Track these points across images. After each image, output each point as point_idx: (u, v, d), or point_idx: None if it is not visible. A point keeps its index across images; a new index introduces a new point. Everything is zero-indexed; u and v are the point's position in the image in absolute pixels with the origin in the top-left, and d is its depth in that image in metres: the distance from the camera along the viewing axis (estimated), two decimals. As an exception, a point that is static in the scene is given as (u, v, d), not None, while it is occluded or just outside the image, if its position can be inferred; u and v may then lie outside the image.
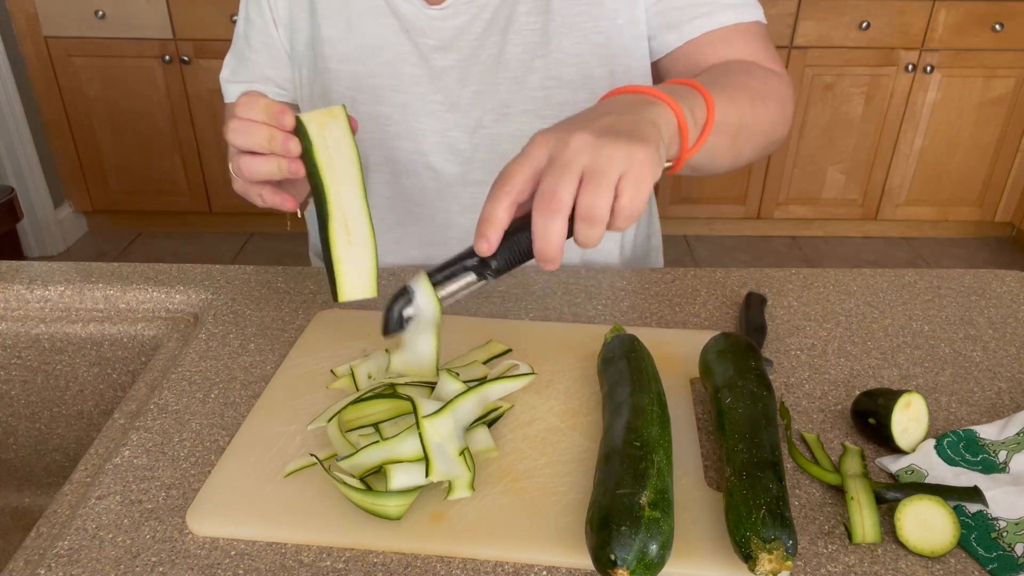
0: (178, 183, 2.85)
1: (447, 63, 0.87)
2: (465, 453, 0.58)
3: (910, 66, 2.63)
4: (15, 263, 0.91)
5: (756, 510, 0.49)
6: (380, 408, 0.62)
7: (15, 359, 0.85)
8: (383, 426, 0.61)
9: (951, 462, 0.61)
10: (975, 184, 2.85)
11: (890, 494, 0.56)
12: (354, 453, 0.58)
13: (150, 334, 0.84)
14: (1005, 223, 3.00)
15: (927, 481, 0.59)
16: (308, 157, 0.64)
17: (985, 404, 0.69)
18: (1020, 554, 0.53)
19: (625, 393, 0.59)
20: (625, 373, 0.62)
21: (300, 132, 0.64)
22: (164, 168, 2.82)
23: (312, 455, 0.60)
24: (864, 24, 2.57)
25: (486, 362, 0.71)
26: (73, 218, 2.94)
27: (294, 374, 0.71)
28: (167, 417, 0.67)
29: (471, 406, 0.62)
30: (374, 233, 0.64)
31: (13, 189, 2.23)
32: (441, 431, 0.58)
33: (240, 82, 0.98)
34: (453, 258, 0.58)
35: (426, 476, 0.55)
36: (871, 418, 0.63)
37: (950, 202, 2.89)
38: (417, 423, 0.58)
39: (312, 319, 0.79)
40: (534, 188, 0.53)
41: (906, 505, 0.54)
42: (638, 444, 0.54)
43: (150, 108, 2.72)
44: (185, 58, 2.62)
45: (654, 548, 0.47)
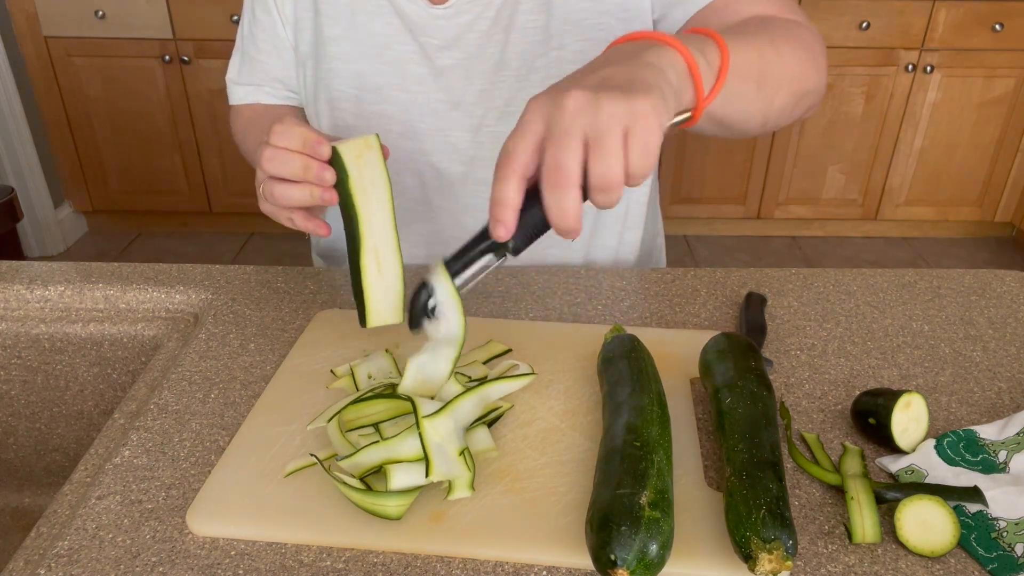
0: (178, 183, 2.85)
1: (450, 62, 0.87)
2: (465, 453, 0.58)
3: (910, 66, 2.63)
4: (15, 263, 0.91)
5: (756, 510, 0.49)
6: (380, 408, 0.62)
7: (15, 359, 0.85)
8: (383, 426, 0.61)
9: (951, 462, 0.61)
10: (975, 184, 2.85)
11: (890, 494, 0.56)
12: (354, 453, 0.58)
13: (150, 334, 0.84)
14: (1005, 223, 2.99)
15: (927, 481, 0.59)
16: (342, 186, 0.65)
17: (985, 404, 0.69)
18: (1020, 554, 0.53)
19: (625, 393, 0.59)
20: (625, 373, 0.62)
21: (335, 161, 0.65)
22: (164, 168, 2.82)
23: (312, 455, 0.60)
24: (864, 24, 2.57)
25: (486, 362, 0.71)
26: (73, 218, 2.94)
27: (294, 374, 0.71)
28: (167, 417, 0.67)
29: (471, 406, 0.62)
30: (402, 262, 0.66)
31: (13, 189, 2.23)
32: (441, 431, 0.58)
33: (247, 84, 0.98)
34: (469, 243, 0.57)
35: (426, 476, 0.55)
36: (871, 418, 0.63)
37: (950, 202, 2.89)
38: (417, 423, 0.58)
39: (312, 319, 0.79)
40: (539, 159, 0.51)
41: (906, 505, 0.54)
42: (638, 444, 0.54)
43: (150, 108, 2.72)
44: (185, 58, 2.62)
45: (654, 548, 0.47)
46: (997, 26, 2.57)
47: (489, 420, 0.63)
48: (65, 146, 2.78)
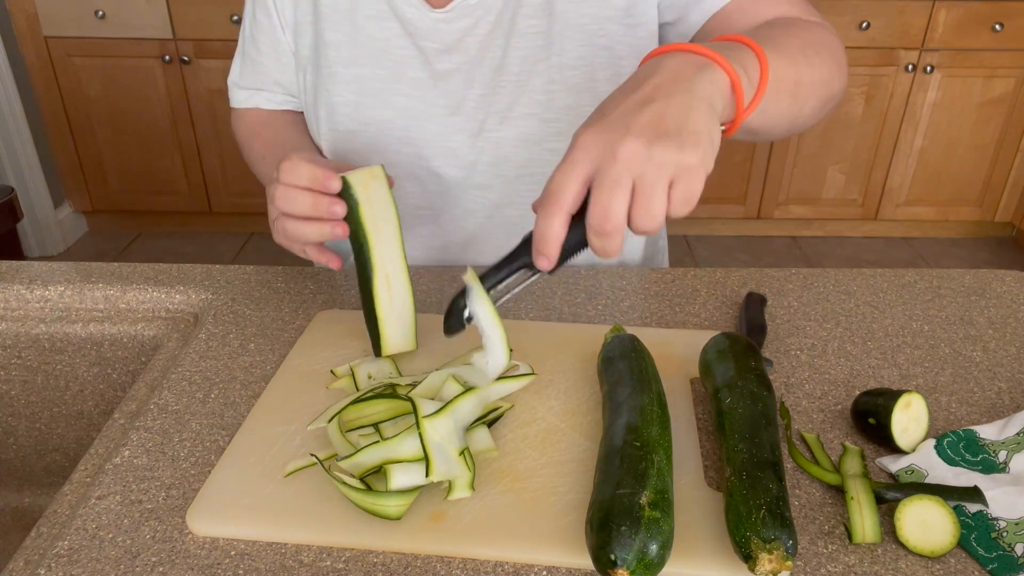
0: (178, 183, 2.85)
1: (451, 66, 0.87)
2: (465, 453, 0.58)
3: (910, 66, 2.63)
4: (15, 263, 0.91)
5: (756, 510, 0.49)
6: (380, 408, 0.62)
7: (15, 359, 0.85)
8: (383, 426, 0.61)
9: (951, 462, 0.61)
10: (975, 184, 2.85)
11: (890, 494, 0.56)
12: (354, 453, 0.58)
13: (150, 334, 0.84)
14: (1005, 223, 3.00)
15: (927, 481, 0.59)
16: (352, 215, 0.66)
17: (985, 404, 0.69)
18: (1020, 554, 0.53)
19: (625, 393, 0.59)
20: (625, 373, 0.62)
21: (345, 191, 0.66)
22: (164, 168, 2.82)
23: (312, 455, 0.60)
24: (864, 24, 2.57)
25: (486, 362, 0.71)
26: (73, 218, 2.94)
27: (294, 374, 0.71)
28: (167, 417, 0.67)
29: (471, 406, 0.62)
30: (413, 289, 0.68)
31: (13, 189, 2.23)
32: (441, 431, 0.58)
33: (248, 88, 0.98)
34: (505, 258, 0.58)
35: (426, 476, 0.55)
36: (871, 418, 0.63)
37: (950, 202, 2.89)
38: (417, 423, 0.58)
39: (312, 319, 0.79)
40: (584, 194, 0.52)
41: (906, 505, 0.54)
42: (638, 444, 0.54)
43: (150, 108, 2.72)
44: (185, 58, 2.62)
45: (654, 548, 0.47)
46: (997, 26, 2.57)
47: (489, 420, 0.63)
48: (65, 146, 2.78)
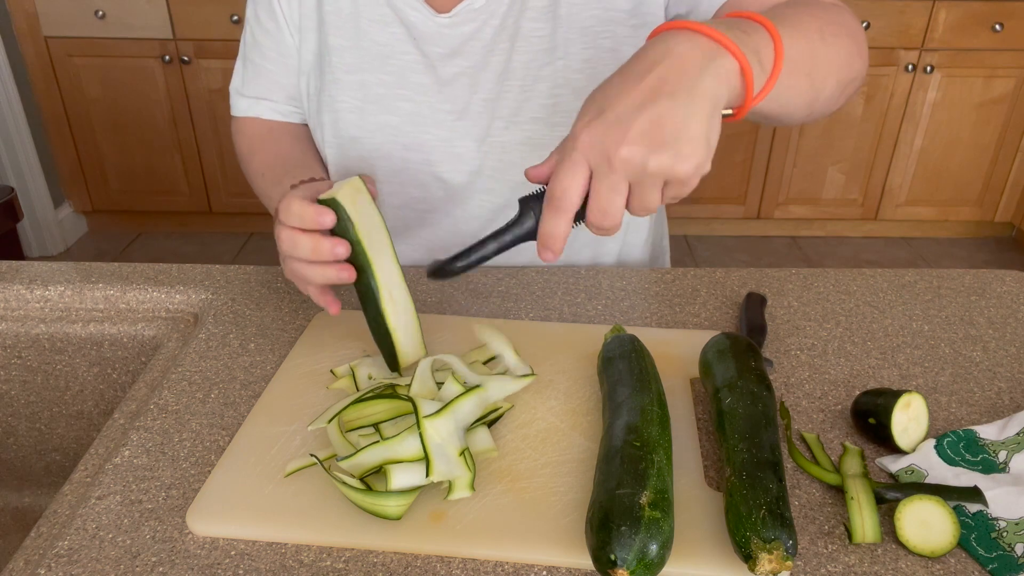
0: (178, 183, 2.85)
1: (456, 71, 0.86)
2: (465, 453, 0.58)
3: (910, 66, 2.63)
4: (15, 263, 0.91)
5: (756, 510, 0.49)
6: (380, 408, 0.62)
7: (15, 359, 0.85)
8: (383, 426, 0.61)
9: (951, 462, 0.61)
10: (975, 184, 2.85)
11: (890, 494, 0.56)
12: (354, 453, 0.58)
13: (150, 334, 0.84)
14: (1005, 223, 3.00)
15: (927, 481, 0.59)
16: (347, 235, 0.64)
17: (985, 404, 0.69)
18: (1020, 554, 0.53)
19: (625, 393, 0.59)
20: (625, 373, 0.62)
21: (338, 212, 0.64)
22: (164, 168, 2.82)
23: (312, 455, 0.60)
24: (864, 24, 2.57)
25: (486, 362, 0.71)
26: (73, 218, 2.94)
27: (294, 374, 0.71)
28: (167, 417, 0.67)
29: (471, 406, 0.62)
30: (410, 293, 0.67)
31: (13, 189, 2.23)
32: (442, 431, 0.58)
33: (251, 96, 0.96)
34: (494, 234, 0.59)
35: (426, 476, 0.55)
36: (871, 418, 0.63)
37: (950, 202, 2.89)
38: (418, 423, 0.58)
39: (312, 319, 0.79)
40: (587, 189, 0.53)
41: (906, 505, 0.54)
42: (638, 444, 0.54)
43: (150, 108, 2.72)
44: (185, 58, 2.62)
45: (654, 548, 0.47)
46: (997, 26, 2.57)
47: (489, 420, 0.63)
48: (65, 146, 2.78)
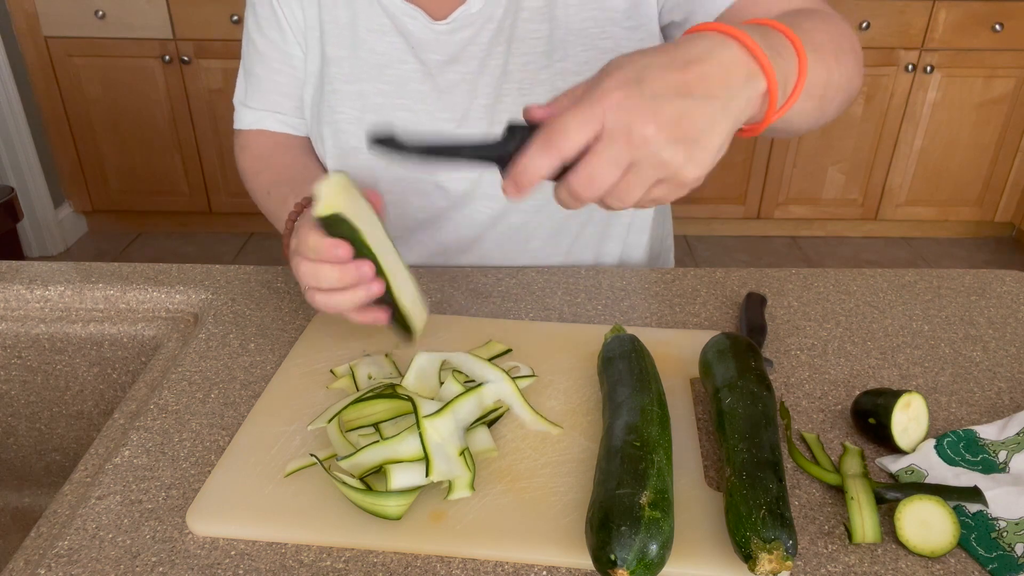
0: (178, 183, 2.85)
1: (454, 77, 0.85)
2: (465, 453, 0.58)
3: (910, 66, 2.63)
4: (15, 263, 0.91)
5: (756, 510, 0.49)
6: (380, 408, 0.62)
7: (15, 359, 0.85)
8: (383, 426, 0.61)
9: (951, 462, 0.61)
10: (975, 184, 2.85)
11: (890, 494, 0.56)
12: (354, 453, 0.58)
13: (150, 334, 0.84)
14: (1005, 223, 3.00)
15: (927, 481, 0.59)
16: (357, 242, 0.62)
17: (985, 404, 0.69)
18: (1020, 554, 0.53)
19: (625, 393, 0.59)
20: (625, 373, 0.62)
21: (342, 226, 0.61)
22: (164, 168, 2.82)
23: (312, 455, 0.60)
24: (864, 24, 2.57)
25: (492, 359, 0.71)
26: (73, 218, 2.94)
27: (294, 374, 0.71)
28: (167, 417, 0.67)
29: (471, 406, 0.62)
30: (404, 262, 0.67)
31: (13, 189, 2.23)
32: (442, 431, 0.58)
33: (258, 109, 0.94)
34: (461, 146, 0.53)
35: (426, 476, 0.55)
36: (871, 418, 0.63)
37: (950, 202, 2.89)
38: (418, 423, 0.58)
39: (312, 319, 0.79)
40: (581, 150, 0.49)
41: (906, 505, 0.54)
42: (638, 444, 0.54)
43: (150, 108, 2.72)
44: (185, 58, 2.62)
45: (654, 548, 0.47)
46: (997, 26, 2.57)
47: (489, 420, 0.63)
48: (65, 146, 2.78)
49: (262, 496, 0.57)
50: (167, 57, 2.62)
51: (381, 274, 0.64)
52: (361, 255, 0.62)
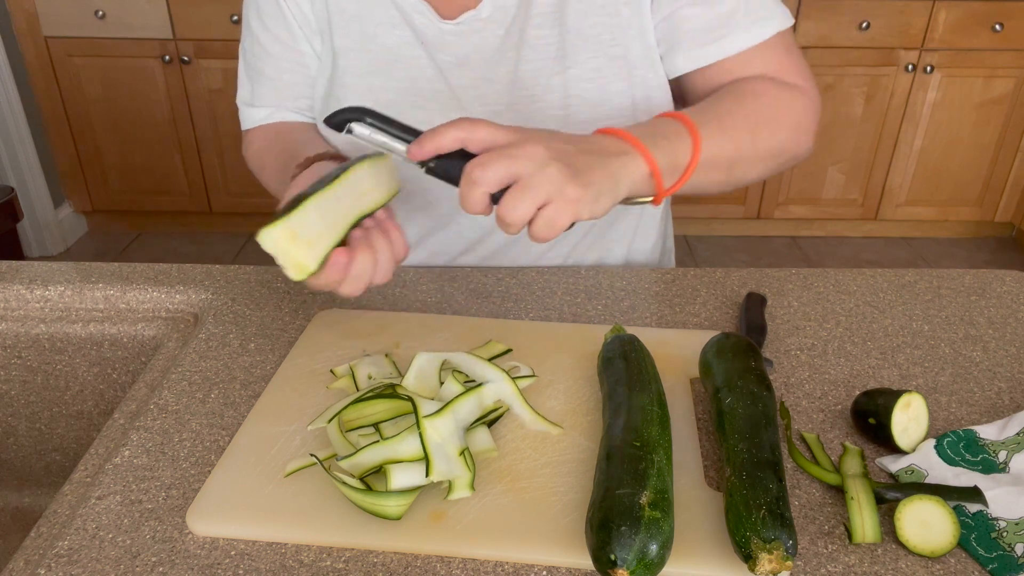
0: (178, 183, 2.85)
1: (463, 81, 0.84)
2: (465, 453, 0.58)
3: (910, 66, 2.63)
4: (15, 263, 0.91)
5: (756, 510, 0.49)
6: (380, 408, 0.62)
7: (15, 359, 0.85)
8: (383, 426, 0.61)
9: (951, 462, 0.61)
10: (975, 184, 2.85)
11: (890, 494, 0.56)
12: (354, 453, 0.58)
13: (150, 334, 0.84)
14: (1005, 223, 3.00)
15: (927, 481, 0.59)
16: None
17: (985, 404, 0.69)
18: (1020, 554, 0.53)
19: (625, 393, 0.59)
20: (625, 373, 0.62)
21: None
22: (164, 168, 2.82)
23: (312, 455, 0.60)
24: (864, 24, 2.57)
25: (491, 359, 0.71)
26: (73, 218, 2.94)
27: (294, 374, 0.71)
28: (167, 417, 0.67)
29: (471, 406, 0.62)
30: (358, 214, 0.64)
31: (13, 189, 2.23)
32: (442, 431, 0.58)
33: (267, 106, 0.93)
34: (396, 124, 0.63)
35: (426, 476, 0.55)
36: (871, 418, 0.63)
37: (950, 202, 2.89)
38: (418, 423, 0.58)
39: (312, 319, 0.79)
40: (483, 148, 0.60)
41: (906, 505, 0.54)
42: (638, 444, 0.54)
43: (150, 108, 2.72)
44: (185, 58, 2.62)
45: (654, 548, 0.47)
46: (997, 26, 2.57)
47: (489, 420, 0.63)
48: (65, 146, 2.78)
49: (262, 496, 0.57)
50: (167, 57, 2.62)
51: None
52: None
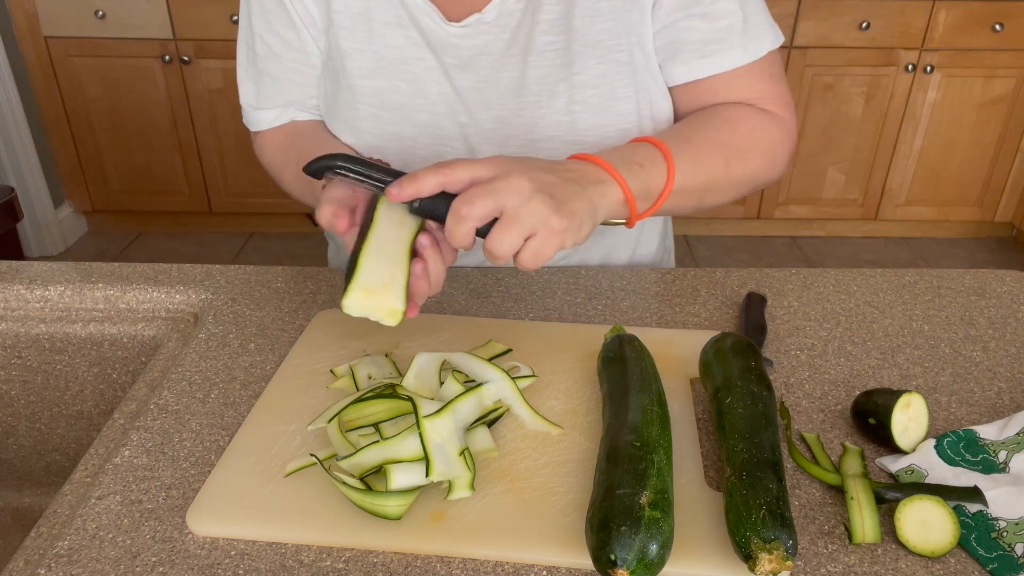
0: (178, 183, 2.85)
1: (468, 83, 0.84)
2: (465, 453, 0.58)
3: (910, 66, 2.63)
4: (15, 263, 0.91)
5: (756, 510, 0.49)
6: (380, 408, 0.62)
7: (15, 359, 0.85)
8: (383, 426, 0.61)
9: (951, 462, 0.61)
10: (975, 184, 2.85)
11: (890, 494, 0.56)
12: (354, 453, 0.58)
13: (150, 334, 0.84)
14: (1005, 223, 3.00)
15: (927, 481, 0.59)
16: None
17: (985, 404, 0.69)
18: (1020, 554, 0.53)
19: (625, 393, 0.59)
20: (625, 373, 0.62)
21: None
22: (164, 168, 2.82)
23: (312, 455, 0.60)
24: (864, 24, 2.57)
25: (491, 359, 0.71)
26: (73, 218, 2.94)
27: (294, 374, 0.71)
28: (167, 417, 0.67)
29: (471, 406, 0.62)
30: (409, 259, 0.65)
31: (13, 189, 2.23)
32: (441, 431, 0.58)
33: (275, 107, 0.92)
34: (375, 169, 0.64)
35: (426, 476, 0.55)
36: (871, 418, 0.63)
37: (950, 202, 2.89)
38: (418, 423, 0.58)
39: (312, 319, 0.79)
40: (465, 186, 0.61)
41: (906, 505, 0.54)
42: (638, 444, 0.54)
43: (150, 108, 2.72)
44: (185, 58, 2.62)
45: (654, 548, 0.47)
46: (997, 26, 2.57)
47: (489, 420, 0.63)
48: (65, 146, 2.78)
49: (262, 496, 0.57)
50: (167, 57, 2.62)
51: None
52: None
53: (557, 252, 0.62)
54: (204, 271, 0.89)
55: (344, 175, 0.64)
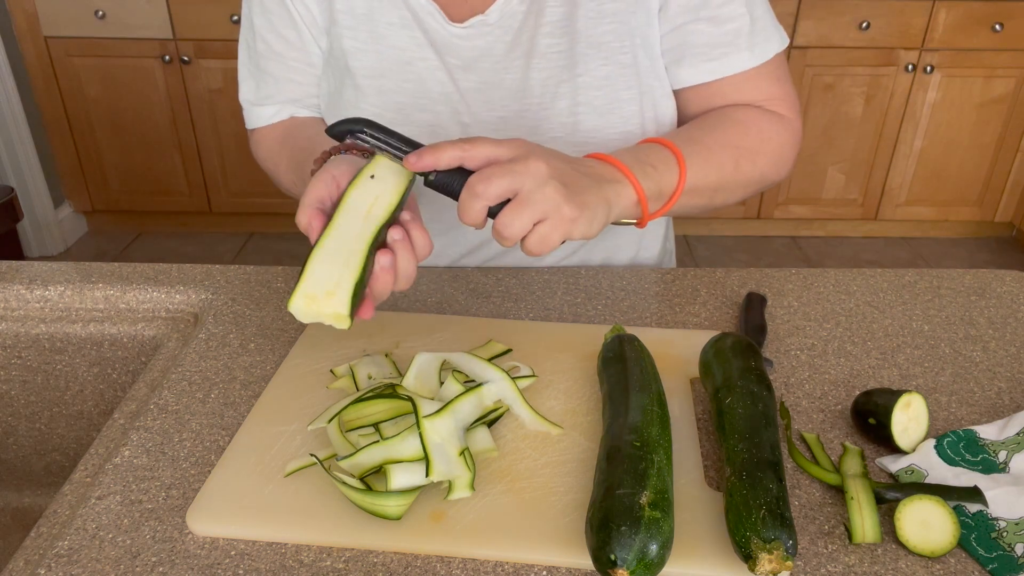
0: (178, 183, 2.85)
1: (472, 84, 0.84)
2: (465, 453, 0.58)
3: (910, 66, 2.63)
4: (15, 263, 0.91)
5: (756, 510, 0.49)
6: (380, 408, 0.62)
7: (15, 359, 0.85)
8: (383, 426, 0.61)
9: (951, 462, 0.61)
10: (975, 184, 2.85)
11: (890, 494, 0.56)
12: (354, 453, 0.58)
13: (150, 334, 0.84)
14: (1005, 223, 3.00)
15: (927, 481, 0.59)
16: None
17: (985, 404, 0.69)
18: (1020, 554, 0.53)
19: (625, 393, 0.59)
20: (625, 373, 0.62)
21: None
22: (164, 168, 2.82)
23: (312, 455, 0.60)
24: (864, 24, 2.57)
25: (491, 359, 0.71)
26: (73, 218, 2.94)
27: (294, 374, 0.71)
28: (167, 417, 0.67)
29: (471, 406, 0.62)
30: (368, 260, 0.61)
31: (13, 189, 2.23)
32: (441, 431, 0.58)
33: (271, 104, 0.92)
34: (395, 136, 0.64)
35: (426, 476, 0.55)
36: (871, 418, 0.63)
37: (950, 202, 2.89)
38: (418, 423, 0.58)
39: (312, 319, 0.79)
40: (483, 164, 0.62)
41: (906, 505, 0.54)
42: (638, 444, 0.54)
43: (150, 108, 2.72)
44: (185, 58, 2.62)
45: (654, 548, 0.47)
46: (997, 26, 2.57)
47: (489, 420, 0.63)
48: (65, 146, 2.78)
49: (262, 496, 0.57)
50: (167, 57, 2.62)
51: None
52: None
53: (564, 240, 0.62)
54: (204, 271, 0.89)
55: (363, 141, 0.64)
